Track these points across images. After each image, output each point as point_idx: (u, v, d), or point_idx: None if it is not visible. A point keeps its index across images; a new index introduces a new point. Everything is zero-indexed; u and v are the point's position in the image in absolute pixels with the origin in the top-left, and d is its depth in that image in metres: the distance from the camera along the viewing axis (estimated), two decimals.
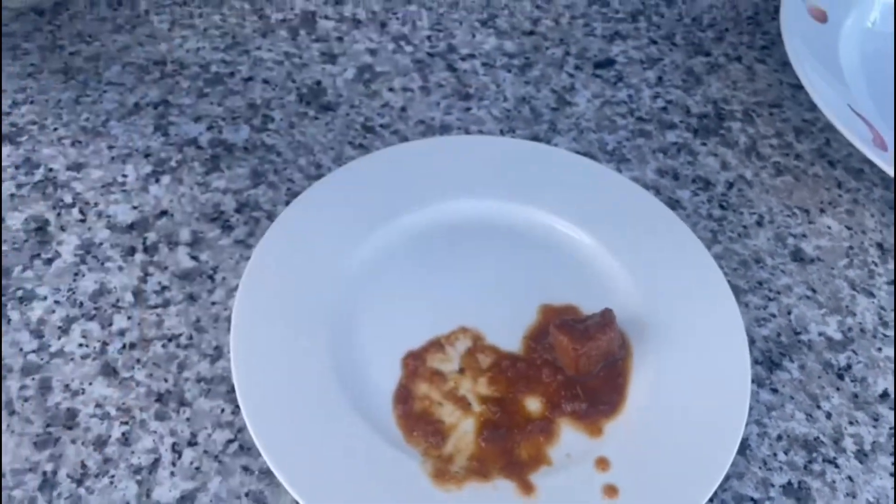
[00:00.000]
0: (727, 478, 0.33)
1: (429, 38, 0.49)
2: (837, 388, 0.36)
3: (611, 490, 0.31)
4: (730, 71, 0.49)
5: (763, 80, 0.48)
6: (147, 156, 0.41)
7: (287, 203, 0.39)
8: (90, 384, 0.34)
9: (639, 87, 0.47)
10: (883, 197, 0.43)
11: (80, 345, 0.35)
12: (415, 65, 0.47)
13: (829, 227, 0.42)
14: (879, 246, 0.41)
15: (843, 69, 0.44)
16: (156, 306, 0.36)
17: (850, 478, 0.33)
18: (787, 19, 0.44)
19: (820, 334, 0.38)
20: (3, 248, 0.37)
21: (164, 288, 0.37)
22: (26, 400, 0.33)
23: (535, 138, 0.44)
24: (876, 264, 0.41)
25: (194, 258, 0.38)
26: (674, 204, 0.42)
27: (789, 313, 0.38)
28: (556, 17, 0.51)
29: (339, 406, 0.32)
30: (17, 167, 0.40)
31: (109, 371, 0.34)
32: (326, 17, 0.49)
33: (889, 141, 0.41)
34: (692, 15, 0.52)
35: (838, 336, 0.38)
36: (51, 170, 0.40)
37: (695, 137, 0.45)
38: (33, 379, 0.34)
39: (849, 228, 0.42)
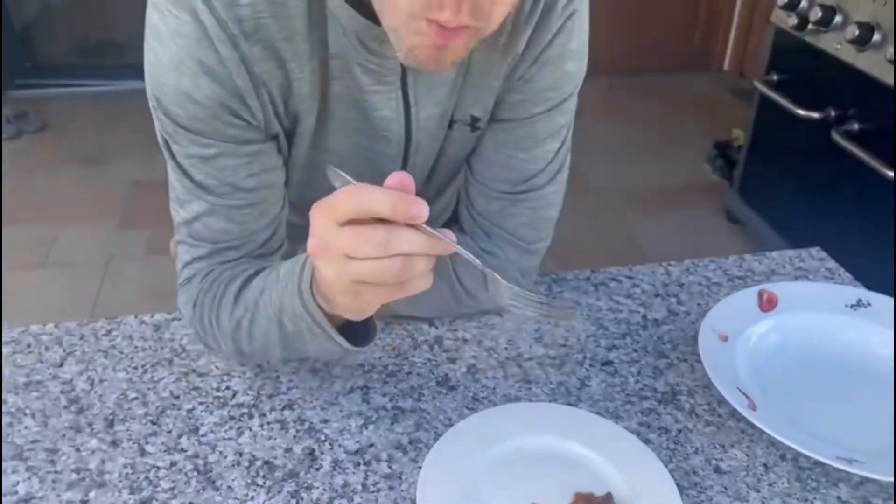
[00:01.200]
0: None
1: (505, 348, 0.87)
2: None
3: None
4: (680, 367, 0.85)
5: (699, 372, 0.84)
6: (359, 414, 0.78)
7: (436, 439, 0.74)
8: None
9: (626, 377, 0.84)
10: (767, 438, 0.76)
11: None
12: (498, 364, 0.85)
13: (736, 454, 0.75)
14: (764, 465, 0.74)
15: (736, 366, 0.80)
16: (374, 491, 0.70)
17: None
18: (704, 340, 0.81)
19: None
20: (294, 462, 0.72)
21: (376, 483, 0.71)
22: None
23: (569, 405, 0.79)
24: (762, 474, 0.73)
25: (390, 467, 0.72)
26: (647, 441, 0.76)
27: (711, 500, 0.70)
28: (577, 336, 0.89)
29: None
30: (294, 421, 0.77)
31: None
32: (447, 339, 0.88)
33: (758, 404, 0.75)
34: (657, 336, 0.90)
35: None
36: (312, 422, 0.77)
37: (659, 405, 0.80)
38: None
39: (747, 455, 0.75)
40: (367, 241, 0.53)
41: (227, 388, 0.81)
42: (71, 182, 2.86)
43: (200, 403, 0.79)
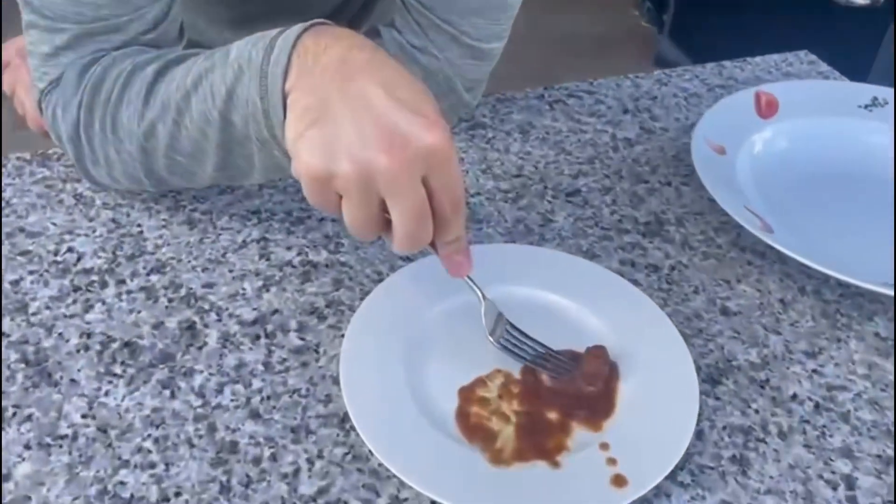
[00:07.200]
0: (692, 454, 0.47)
1: None
2: (760, 394, 0.52)
3: (612, 461, 0.45)
4: (663, 192, 0.68)
5: (688, 197, 0.67)
6: (257, 275, 0.58)
7: (361, 299, 0.55)
8: (243, 425, 0.48)
9: (600, 207, 0.66)
10: (780, 269, 0.61)
11: (232, 400, 0.49)
12: None
13: (745, 291, 0.59)
14: (781, 301, 0.58)
15: (739, 183, 0.63)
16: (280, 372, 0.51)
17: (775, 450, 0.48)
18: (698, 155, 0.63)
19: (745, 360, 0.54)
20: (167, 341, 0.53)
21: (284, 360, 0.52)
22: (200, 437, 0.47)
23: (531, 245, 0.61)
24: (780, 313, 0.57)
25: (301, 339, 0.53)
26: (634, 282, 0.59)
27: (722, 349, 0.55)
28: (534, 164, 0.70)
29: (421, 423, 0.47)
30: (165, 288, 0.56)
31: (256, 415, 0.49)
32: None
33: (773, 225, 0.59)
34: (631, 158, 0.72)
35: (758, 361, 0.54)
36: (191, 288, 0.56)
37: (644, 238, 0.63)
38: (202, 424, 0.48)
39: (759, 291, 0.59)
40: None
41: (70, 249, 0.59)
42: None
43: (31, 273, 0.57)
